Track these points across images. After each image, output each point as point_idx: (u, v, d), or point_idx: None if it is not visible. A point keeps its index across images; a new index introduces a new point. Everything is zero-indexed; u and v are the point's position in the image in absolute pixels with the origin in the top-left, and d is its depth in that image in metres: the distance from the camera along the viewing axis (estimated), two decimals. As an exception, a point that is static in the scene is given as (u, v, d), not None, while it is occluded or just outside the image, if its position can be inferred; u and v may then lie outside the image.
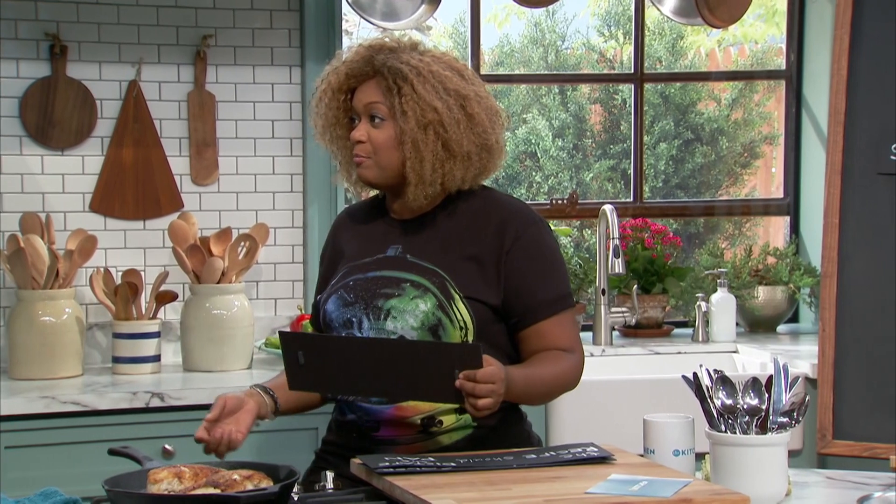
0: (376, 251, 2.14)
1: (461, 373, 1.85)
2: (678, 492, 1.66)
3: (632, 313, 3.57)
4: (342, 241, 2.22)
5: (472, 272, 2.07)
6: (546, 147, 4.68)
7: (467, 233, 2.11)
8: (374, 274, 2.10)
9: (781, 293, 3.76)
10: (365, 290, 2.09)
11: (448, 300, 2.04)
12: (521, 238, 2.09)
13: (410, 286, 2.06)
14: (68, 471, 2.69)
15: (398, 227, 2.16)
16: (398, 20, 3.51)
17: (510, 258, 2.08)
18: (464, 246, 2.10)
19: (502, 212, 2.12)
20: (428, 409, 2.05)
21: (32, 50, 3.21)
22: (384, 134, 2.08)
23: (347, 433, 2.13)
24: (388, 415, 2.07)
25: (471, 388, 1.85)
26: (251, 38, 3.36)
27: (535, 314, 2.08)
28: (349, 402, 2.12)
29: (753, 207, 4.27)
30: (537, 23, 4.86)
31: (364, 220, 2.22)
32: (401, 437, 2.06)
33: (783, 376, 1.90)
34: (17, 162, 3.20)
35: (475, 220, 2.12)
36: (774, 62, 4.62)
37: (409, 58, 2.09)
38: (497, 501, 1.63)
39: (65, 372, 3.01)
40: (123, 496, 1.68)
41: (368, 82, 2.10)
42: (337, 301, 2.12)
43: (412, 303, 2.04)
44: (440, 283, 2.05)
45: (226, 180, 3.36)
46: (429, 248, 2.10)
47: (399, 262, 2.11)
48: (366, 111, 2.10)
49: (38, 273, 3.02)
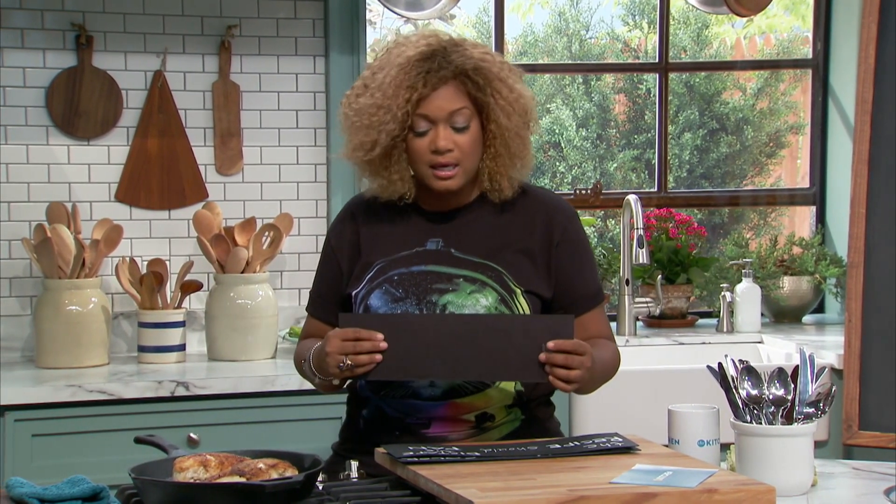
0: (413, 244, 2.06)
1: (550, 344, 1.84)
2: (703, 482, 1.66)
3: (656, 303, 3.56)
4: (365, 233, 2.09)
5: (526, 266, 2.05)
6: (570, 137, 4.67)
7: (514, 226, 2.08)
8: (420, 268, 2.03)
9: (807, 283, 3.74)
10: (413, 284, 2.02)
11: (510, 294, 2.02)
12: (568, 231, 2.09)
13: (465, 281, 2.01)
14: (95, 459, 2.71)
15: (434, 219, 2.08)
16: (422, 10, 3.51)
17: (559, 251, 2.07)
18: (513, 239, 2.06)
19: (547, 205, 2.11)
20: (482, 406, 2.02)
21: (59, 40, 3.22)
22: (470, 138, 2.00)
23: (387, 430, 2.04)
24: (441, 412, 2.01)
25: (563, 359, 1.85)
26: (275, 28, 3.37)
27: (581, 305, 2.08)
28: (393, 397, 2.03)
29: (779, 197, 4.25)
30: (561, 12, 4.85)
31: (388, 211, 2.09)
32: (453, 433, 2.02)
33: (809, 367, 1.89)
34: (43, 152, 3.22)
35: (520, 213, 2.09)
36: (800, 51, 4.59)
37: (478, 54, 2.01)
38: (521, 491, 1.63)
39: (91, 361, 3.03)
40: (150, 484, 1.69)
41: (445, 87, 1.98)
42: (383, 296, 2.02)
43: (471, 297, 2.00)
44: (497, 277, 2.03)
45: (250, 170, 3.37)
46: (474, 242, 2.06)
47: (443, 256, 2.04)
48: (448, 118, 1.99)
49: (64, 262, 3.04)
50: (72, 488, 1.70)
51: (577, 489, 1.62)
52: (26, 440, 2.71)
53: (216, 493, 1.66)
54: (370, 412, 2.08)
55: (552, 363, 1.85)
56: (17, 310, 3.19)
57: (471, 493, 1.61)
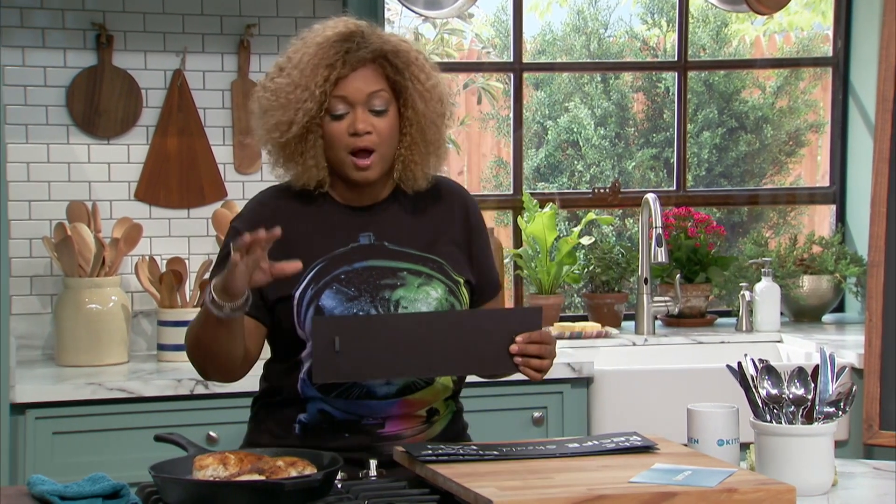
0: (344, 239, 2.01)
1: (519, 336, 1.87)
2: (723, 482, 1.65)
3: (675, 302, 3.55)
4: (289, 230, 1.93)
5: (459, 256, 2.07)
6: (588, 136, 4.66)
7: (437, 217, 2.08)
8: (363, 265, 1.99)
9: (827, 282, 3.72)
10: (362, 282, 1.98)
11: (455, 284, 2.04)
12: (479, 219, 2.13)
13: (409, 274, 2.00)
14: (115, 457, 2.72)
15: (357, 214, 2.03)
16: (441, 9, 3.51)
17: (474, 238, 2.10)
18: (441, 230, 2.07)
19: (459, 194, 2.13)
20: (432, 400, 2.03)
21: (79, 40, 3.24)
22: (387, 123, 1.97)
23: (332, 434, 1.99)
24: (395, 410, 2.00)
25: (537, 349, 1.88)
26: (294, 27, 3.37)
27: (492, 290, 2.12)
28: (346, 397, 1.98)
29: (799, 196, 4.23)
30: (580, 11, 4.84)
31: (305, 206, 2.03)
32: (406, 430, 2.02)
33: (829, 366, 1.88)
34: (64, 151, 3.23)
35: (438, 203, 2.08)
36: (820, 49, 4.57)
37: (395, 40, 2.00)
38: (539, 490, 1.63)
39: (111, 359, 3.04)
40: (169, 482, 1.70)
41: (364, 69, 1.96)
42: (336, 296, 1.97)
43: (420, 291, 2.00)
44: (439, 269, 2.03)
45: (268, 169, 3.37)
46: (405, 234, 2.04)
47: (379, 250, 2.01)
48: (366, 101, 1.96)
49: (84, 261, 3.05)
50: (92, 486, 1.71)
51: (596, 488, 1.62)
52: (47, 438, 2.72)
53: (235, 490, 1.66)
54: (311, 416, 2.01)
55: (525, 354, 1.89)
56: (38, 308, 3.21)
57: (489, 491, 1.61)
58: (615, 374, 3.01)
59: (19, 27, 3.18)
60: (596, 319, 3.60)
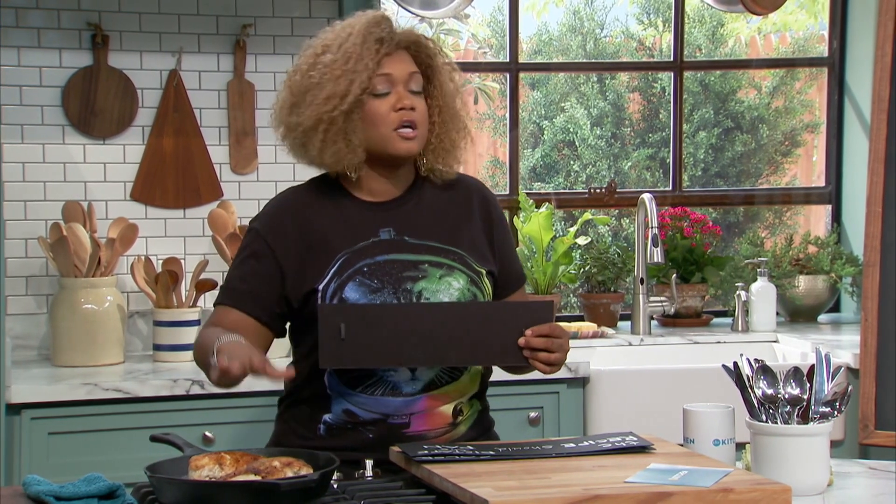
0: (366, 235, 2.05)
1: (529, 329, 1.88)
2: (718, 481, 1.65)
3: (670, 302, 3.55)
4: (312, 228, 2.04)
5: (481, 247, 2.10)
6: (584, 136, 4.67)
7: (456, 209, 2.11)
8: (385, 258, 2.03)
9: (823, 282, 3.72)
10: (386, 274, 2.02)
11: (477, 275, 2.06)
12: (499, 211, 2.17)
13: (431, 266, 2.03)
14: (111, 457, 2.72)
15: (376, 210, 2.07)
16: (437, 9, 3.51)
17: (497, 231, 2.14)
18: (461, 222, 2.10)
19: (476, 186, 2.17)
20: (458, 395, 2.04)
21: (75, 40, 3.23)
22: (423, 105, 2.05)
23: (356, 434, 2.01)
24: (420, 406, 2.00)
25: (543, 343, 1.89)
26: (290, 28, 3.37)
27: (516, 281, 2.16)
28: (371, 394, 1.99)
29: (794, 196, 4.23)
30: (576, 11, 4.84)
31: (325, 206, 2.07)
32: (431, 431, 2.02)
33: (825, 366, 1.88)
34: (59, 151, 3.23)
35: (455, 196, 2.13)
36: (816, 49, 4.58)
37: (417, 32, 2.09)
38: (536, 490, 1.63)
39: (106, 359, 3.04)
40: (165, 482, 1.70)
41: (399, 52, 2.04)
42: (359, 288, 2.00)
43: (442, 282, 2.03)
44: (461, 260, 2.06)
45: (265, 169, 3.38)
46: (425, 227, 2.07)
47: (400, 244, 2.04)
48: (407, 81, 2.03)
49: (80, 261, 3.05)
50: (88, 486, 1.71)
51: (592, 488, 1.62)
52: (42, 438, 2.72)
53: (231, 491, 1.66)
54: (336, 416, 2.03)
55: (532, 347, 1.90)
56: (34, 308, 3.21)
57: (486, 491, 1.61)
58: (611, 374, 3.02)
59: (15, 27, 3.18)
60: (592, 319, 3.60)
